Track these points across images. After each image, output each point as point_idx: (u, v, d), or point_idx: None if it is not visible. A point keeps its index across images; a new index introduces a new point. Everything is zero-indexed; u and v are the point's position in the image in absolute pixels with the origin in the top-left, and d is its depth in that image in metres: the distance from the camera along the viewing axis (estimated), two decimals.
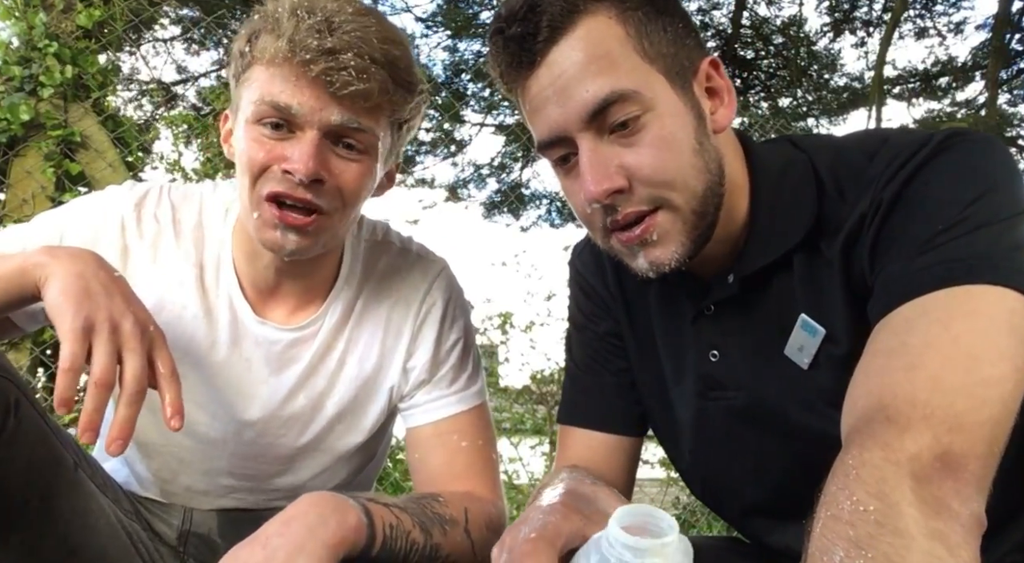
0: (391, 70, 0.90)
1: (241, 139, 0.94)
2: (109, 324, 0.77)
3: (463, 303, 1.17)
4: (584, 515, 0.66)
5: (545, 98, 0.78)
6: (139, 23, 4.01)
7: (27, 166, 2.95)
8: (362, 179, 0.95)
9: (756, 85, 8.06)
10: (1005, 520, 0.76)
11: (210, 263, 1.05)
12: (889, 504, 0.53)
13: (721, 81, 0.83)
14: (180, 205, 1.07)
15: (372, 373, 1.09)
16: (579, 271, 1.05)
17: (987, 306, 0.63)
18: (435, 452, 1.06)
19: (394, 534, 0.84)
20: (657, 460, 4.24)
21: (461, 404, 1.09)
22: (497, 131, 7.52)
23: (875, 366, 0.65)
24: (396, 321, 1.10)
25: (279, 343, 1.05)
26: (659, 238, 0.78)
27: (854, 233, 0.75)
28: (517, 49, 0.78)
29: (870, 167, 0.76)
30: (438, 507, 0.94)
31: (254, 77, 0.91)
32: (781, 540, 0.87)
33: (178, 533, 1.10)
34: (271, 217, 0.92)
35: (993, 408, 0.59)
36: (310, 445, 1.09)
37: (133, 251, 1.03)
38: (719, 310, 0.87)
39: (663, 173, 0.75)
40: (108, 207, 1.04)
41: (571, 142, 0.78)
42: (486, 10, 6.91)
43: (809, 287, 0.79)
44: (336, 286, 1.09)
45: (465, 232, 9.05)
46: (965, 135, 0.73)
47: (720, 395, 0.88)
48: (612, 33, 0.76)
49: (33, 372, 2.90)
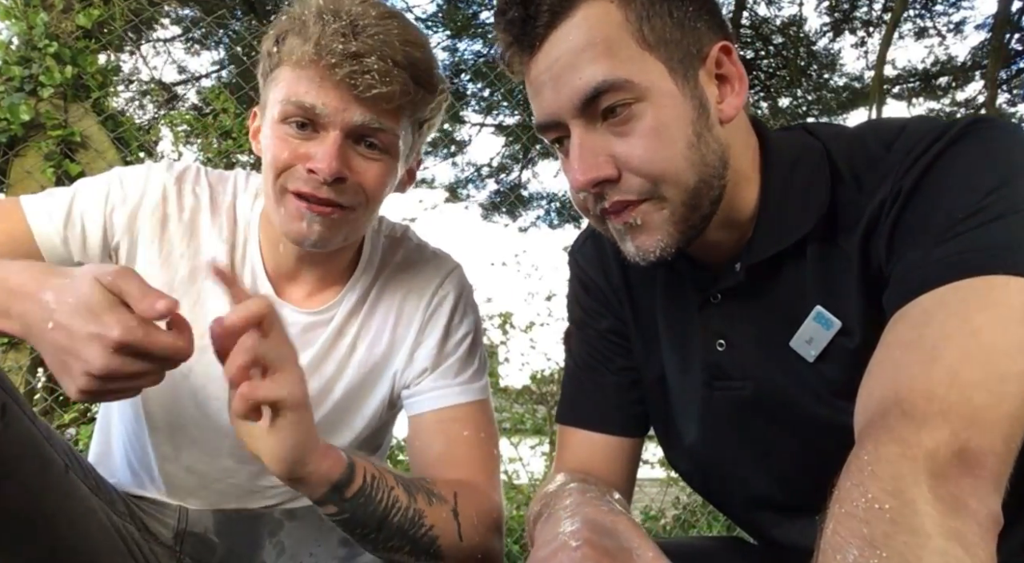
0: (412, 72, 0.93)
1: (268, 137, 0.97)
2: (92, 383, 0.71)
3: (474, 303, 1.19)
4: (611, 556, 0.62)
5: (542, 83, 0.78)
6: (139, 23, 4.01)
7: (27, 166, 2.95)
8: (383, 177, 0.99)
9: (756, 85, 8.06)
10: (1013, 519, 0.76)
11: (239, 242, 1.09)
12: (905, 502, 0.52)
13: (732, 67, 0.80)
14: (216, 185, 1.12)
15: (380, 359, 1.11)
16: (580, 265, 1.03)
17: (1006, 298, 0.61)
18: (436, 439, 1.07)
19: (376, 484, 0.86)
20: (657, 460, 4.23)
21: (465, 395, 1.10)
22: (497, 131, 7.53)
23: (891, 358, 0.63)
24: (408, 310, 1.13)
25: (296, 325, 1.07)
26: (643, 223, 0.77)
27: (873, 224, 0.73)
28: (519, 33, 0.79)
29: (888, 156, 0.74)
30: (426, 484, 0.95)
31: (281, 77, 0.95)
32: (787, 535, 0.86)
33: (174, 533, 1.10)
34: (295, 208, 0.95)
35: (1012, 403, 0.57)
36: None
37: (172, 221, 1.07)
38: (726, 299, 0.86)
39: (653, 164, 0.75)
40: (152, 175, 1.08)
41: (565, 127, 0.79)
42: (486, 10, 6.90)
43: (824, 278, 0.78)
44: (354, 276, 1.12)
45: (465, 232, 9.04)
46: (986, 122, 0.72)
47: (726, 385, 0.86)
48: (611, 19, 0.75)
49: (33, 372, 2.89)
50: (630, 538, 0.64)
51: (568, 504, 0.75)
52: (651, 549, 0.62)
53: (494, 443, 1.11)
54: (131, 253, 1.06)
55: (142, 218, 1.06)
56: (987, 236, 0.65)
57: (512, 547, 3.31)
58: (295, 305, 1.08)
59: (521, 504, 3.80)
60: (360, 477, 0.85)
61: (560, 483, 0.85)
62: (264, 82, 0.99)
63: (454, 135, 7.44)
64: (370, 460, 0.89)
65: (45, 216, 1.03)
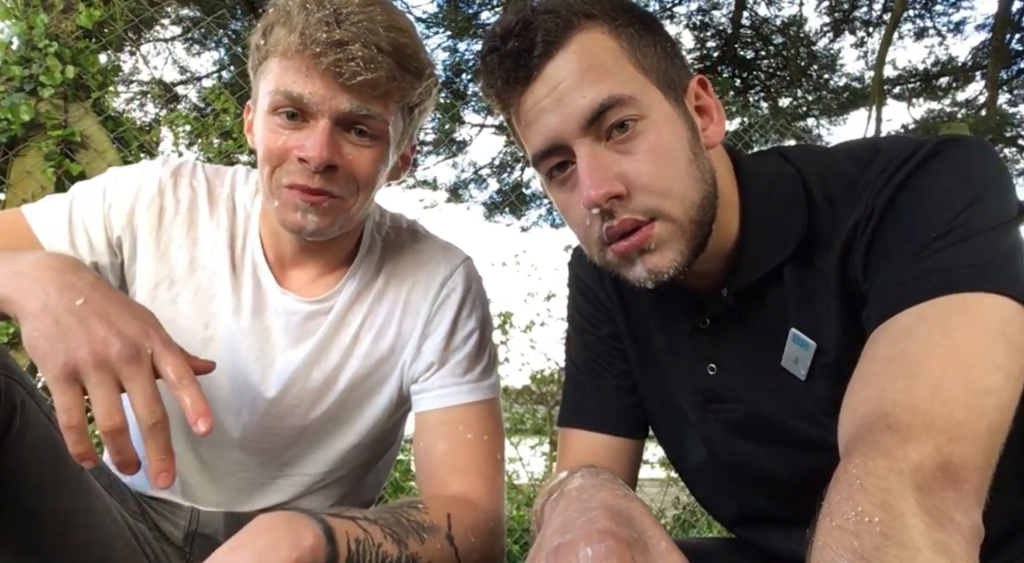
0: (398, 58, 0.93)
1: (259, 129, 0.98)
2: (93, 359, 0.71)
3: (484, 298, 1.18)
4: (632, 547, 0.60)
5: (541, 109, 0.78)
6: (139, 23, 4.01)
7: (27, 166, 2.95)
8: (375, 164, 0.99)
9: (756, 85, 8.07)
10: (1013, 529, 0.76)
11: (239, 232, 1.10)
12: (894, 515, 0.53)
13: (709, 99, 0.84)
14: (213, 179, 1.13)
15: (387, 352, 1.11)
16: (578, 275, 1.05)
17: (983, 315, 0.63)
18: (439, 441, 1.06)
19: (361, 549, 0.81)
20: (657, 460, 4.24)
21: (472, 395, 1.09)
22: (497, 132, 7.53)
23: (874, 374, 0.65)
24: (415, 302, 1.12)
25: (298, 314, 1.08)
26: (657, 247, 0.78)
27: (848, 243, 0.75)
28: (513, 65, 0.79)
29: (864, 176, 0.76)
30: (416, 515, 0.91)
31: (269, 69, 0.95)
32: (785, 544, 0.87)
33: (184, 533, 1.10)
34: (288, 198, 0.96)
35: (991, 418, 0.59)
36: (322, 420, 1.10)
37: (168, 213, 1.08)
38: (715, 324, 0.87)
39: (660, 181, 0.76)
40: (148, 170, 1.09)
41: (568, 150, 0.78)
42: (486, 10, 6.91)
43: (800, 300, 0.79)
44: (354, 264, 1.12)
45: (466, 232, 9.05)
46: (956, 141, 0.73)
47: (719, 408, 0.88)
48: (606, 46, 0.78)
49: (34, 372, 2.90)
50: (644, 526, 0.64)
51: (581, 485, 0.74)
52: (664, 539, 0.62)
53: (499, 445, 1.10)
54: (132, 247, 1.07)
55: (139, 212, 1.06)
56: (962, 254, 0.66)
57: (512, 547, 3.32)
58: (296, 294, 1.09)
59: (521, 504, 3.81)
60: (344, 548, 0.78)
61: (567, 473, 0.84)
62: (254, 75, 1.00)
63: (454, 135, 7.44)
64: (354, 517, 0.83)
65: (51, 227, 1.03)
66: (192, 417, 0.75)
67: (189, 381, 0.76)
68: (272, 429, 1.09)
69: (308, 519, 0.76)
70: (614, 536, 0.59)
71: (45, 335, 0.72)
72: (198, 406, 0.75)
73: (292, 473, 1.12)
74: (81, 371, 0.72)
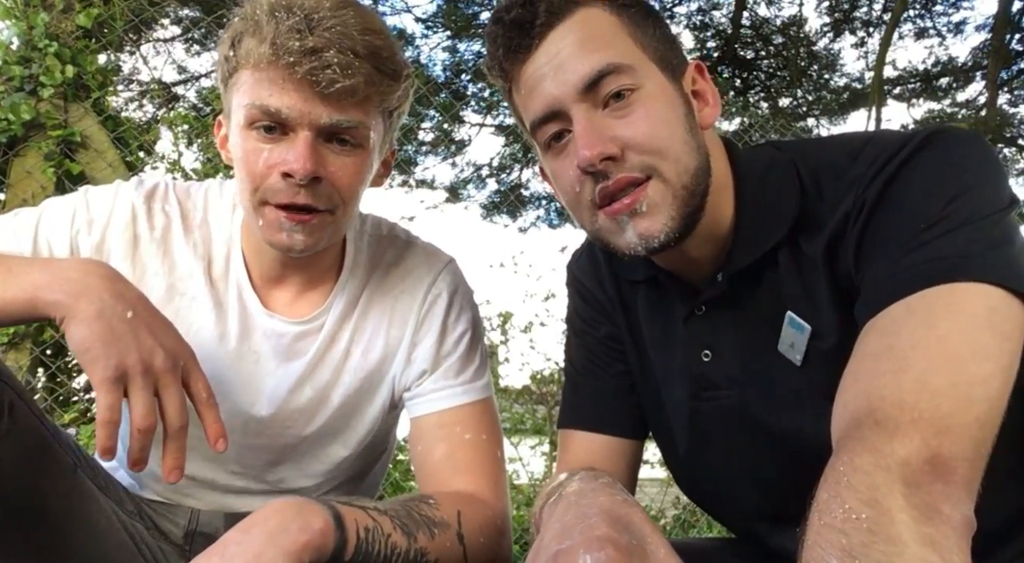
0: (375, 61, 0.91)
1: (237, 146, 0.94)
2: (141, 366, 0.78)
3: (470, 298, 1.17)
4: (631, 554, 0.60)
5: (541, 76, 0.81)
6: (139, 23, 4.01)
7: (27, 166, 2.95)
8: (359, 174, 0.97)
9: (756, 85, 8.07)
10: (1012, 524, 0.76)
11: (219, 256, 1.07)
12: (881, 511, 0.53)
13: (706, 84, 0.86)
14: (185, 200, 1.10)
15: (376, 365, 1.10)
16: (577, 277, 1.06)
17: (970, 304, 0.63)
18: (437, 445, 1.05)
19: (370, 537, 0.81)
20: (657, 460, 4.24)
21: (466, 396, 1.08)
22: (497, 132, 7.53)
23: (863, 369, 0.65)
24: (401, 311, 1.11)
25: (286, 336, 1.06)
26: (649, 208, 0.78)
27: (838, 233, 0.75)
28: (516, 34, 0.82)
29: (853, 167, 0.76)
30: (427, 509, 0.91)
31: (241, 81, 0.92)
32: (780, 543, 0.87)
33: (184, 532, 1.10)
34: (274, 218, 0.93)
35: (979, 408, 0.59)
36: (315, 436, 1.09)
37: (143, 241, 1.05)
38: (710, 310, 0.87)
39: (655, 141, 0.77)
40: (120, 195, 1.06)
41: (566, 117, 0.80)
42: (486, 10, 6.91)
43: (794, 284, 0.80)
44: (340, 279, 1.10)
45: (464, 233, 9.03)
46: (946, 132, 0.73)
47: (713, 395, 0.88)
48: (607, 20, 0.81)
49: (33, 372, 2.90)
50: (643, 533, 0.64)
51: (579, 489, 0.74)
52: (663, 546, 0.62)
53: (498, 444, 1.09)
54: None
55: (111, 238, 1.03)
56: (951, 244, 0.66)
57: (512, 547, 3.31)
58: (283, 315, 1.06)
59: (521, 504, 3.81)
60: (354, 536, 0.79)
61: (566, 476, 0.84)
62: (225, 88, 0.96)
63: (454, 135, 7.45)
64: (364, 506, 0.84)
65: (15, 243, 1.00)
66: (212, 437, 0.85)
67: (213, 402, 0.86)
68: (265, 448, 1.08)
69: (318, 505, 0.78)
70: (614, 543, 0.59)
71: (101, 339, 0.78)
72: (218, 426, 0.85)
73: (285, 488, 1.11)
74: (129, 375, 0.78)
